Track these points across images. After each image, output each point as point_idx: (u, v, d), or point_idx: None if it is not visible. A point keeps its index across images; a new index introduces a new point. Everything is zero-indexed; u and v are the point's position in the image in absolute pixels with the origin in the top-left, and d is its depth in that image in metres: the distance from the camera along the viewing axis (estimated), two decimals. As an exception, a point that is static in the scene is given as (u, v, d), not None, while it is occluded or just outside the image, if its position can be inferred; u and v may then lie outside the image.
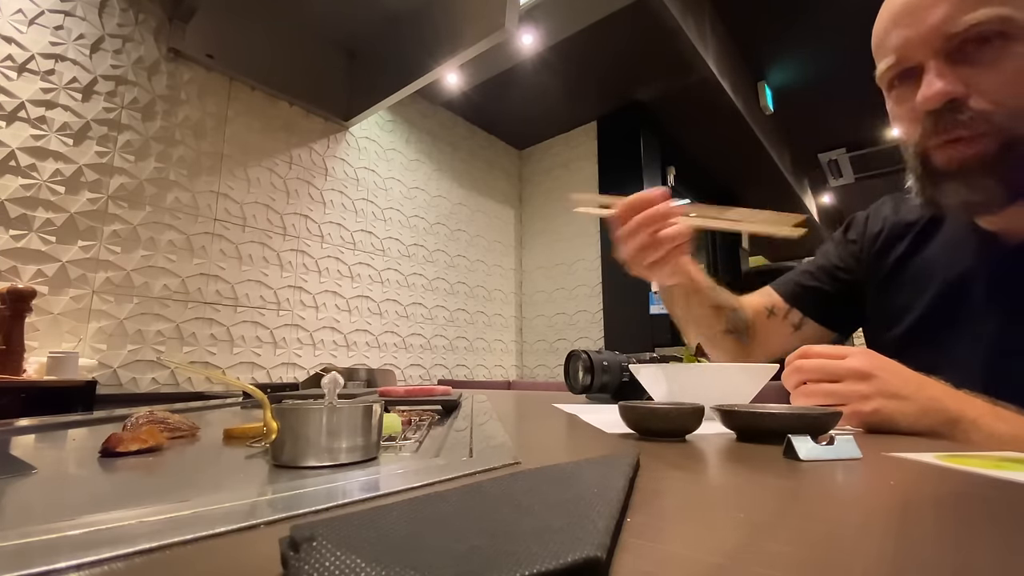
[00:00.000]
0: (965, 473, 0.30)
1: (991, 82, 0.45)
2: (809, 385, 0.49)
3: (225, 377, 0.36)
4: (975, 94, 0.46)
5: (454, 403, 0.68)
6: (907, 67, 0.51)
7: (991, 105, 0.46)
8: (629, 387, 0.88)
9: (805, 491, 0.27)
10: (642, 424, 0.45)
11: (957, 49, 0.47)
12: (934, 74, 0.47)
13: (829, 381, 0.48)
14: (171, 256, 2.09)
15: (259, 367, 2.35)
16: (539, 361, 3.77)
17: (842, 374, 0.47)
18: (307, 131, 2.67)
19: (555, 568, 0.12)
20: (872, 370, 0.46)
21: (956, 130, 0.47)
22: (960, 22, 0.45)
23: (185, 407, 0.75)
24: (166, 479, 0.33)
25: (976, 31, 0.45)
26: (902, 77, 0.52)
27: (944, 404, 0.45)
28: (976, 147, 0.47)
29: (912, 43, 0.49)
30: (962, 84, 0.46)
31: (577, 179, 3.71)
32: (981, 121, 0.46)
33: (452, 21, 2.22)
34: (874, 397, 0.45)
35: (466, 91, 3.26)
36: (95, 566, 0.15)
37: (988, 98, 0.46)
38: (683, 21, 2.64)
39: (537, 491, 0.20)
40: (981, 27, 0.45)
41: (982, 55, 0.46)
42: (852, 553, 0.17)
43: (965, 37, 0.46)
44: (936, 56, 0.48)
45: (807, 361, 0.50)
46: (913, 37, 0.49)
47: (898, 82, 0.53)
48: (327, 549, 0.13)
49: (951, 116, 0.47)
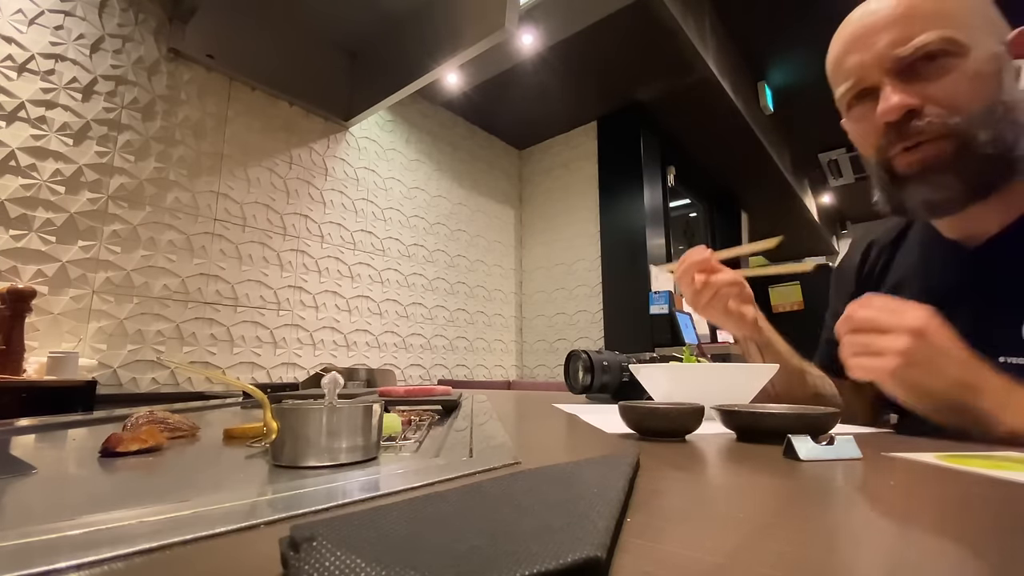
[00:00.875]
0: (965, 473, 0.30)
1: (942, 92, 0.50)
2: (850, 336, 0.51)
3: (225, 377, 0.36)
4: (929, 104, 0.51)
5: (454, 403, 0.68)
6: (864, 87, 0.55)
7: (945, 111, 0.50)
8: (629, 387, 0.88)
9: (805, 491, 0.27)
10: (642, 424, 0.45)
11: (908, 68, 0.52)
12: (890, 90, 0.52)
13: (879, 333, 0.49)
14: (171, 256, 2.09)
15: (259, 367, 2.35)
16: (539, 361, 3.77)
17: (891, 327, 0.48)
18: (307, 131, 2.67)
19: (555, 568, 0.12)
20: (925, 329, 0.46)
21: (916, 136, 0.51)
22: (909, 45, 0.50)
23: (185, 407, 0.75)
24: (166, 479, 0.33)
25: (922, 52, 0.50)
26: (859, 97, 0.57)
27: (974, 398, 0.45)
28: (935, 149, 0.51)
29: (867, 66, 0.54)
30: (917, 97, 0.51)
31: (577, 179, 3.71)
32: (938, 125, 0.50)
33: (452, 21, 2.22)
34: (903, 358, 0.46)
35: (466, 91, 3.26)
36: (95, 566, 0.15)
37: (941, 106, 0.50)
38: (683, 21, 2.64)
39: (537, 491, 0.20)
40: (927, 47, 0.50)
41: (931, 71, 0.51)
42: (852, 553, 0.17)
43: (914, 57, 0.51)
44: (889, 75, 0.52)
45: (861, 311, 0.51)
46: (867, 60, 0.54)
47: (856, 102, 0.57)
48: (327, 549, 0.13)
49: (910, 125, 0.51)
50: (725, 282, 0.71)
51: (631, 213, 3.33)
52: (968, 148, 0.50)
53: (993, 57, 0.51)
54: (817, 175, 5.01)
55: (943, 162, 0.51)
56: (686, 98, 3.25)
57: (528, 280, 3.94)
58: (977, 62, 0.50)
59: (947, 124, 0.50)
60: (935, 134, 0.51)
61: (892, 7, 0.53)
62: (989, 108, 0.50)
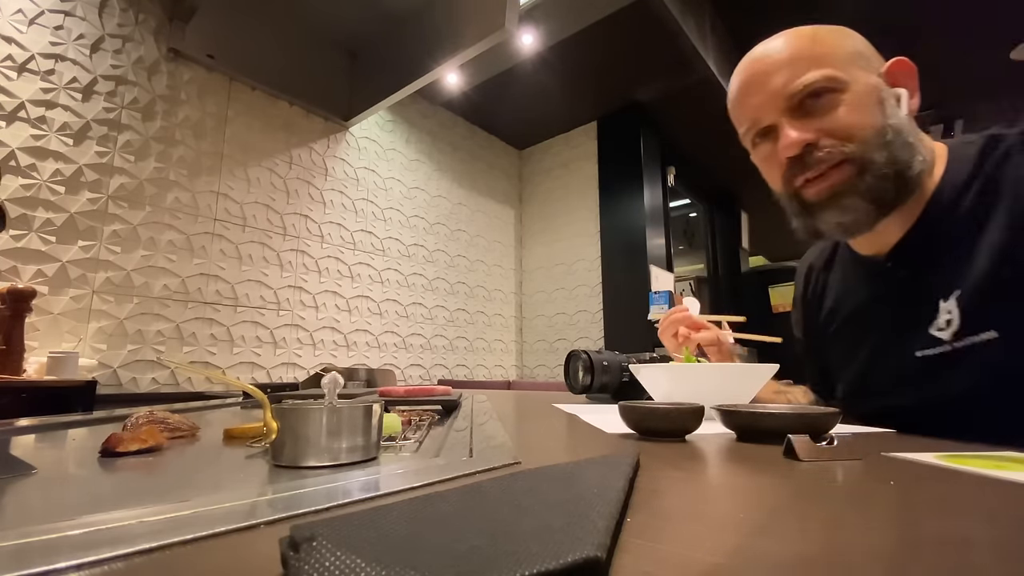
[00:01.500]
0: (965, 473, 0.30)
1: (833, 124, 0.55)
2: None
3: (225, 377, 0.36)
4: (824, 136, 0.56)
5: (454, 403, 0.68)
6: (763, 127, 0.61)
7: (839, 141, 0.55)
8: (629, 387, 0.88)
9: (805, 491, 0.27)
10: (642, 424, 0.45)
11: (799, 106, 0.57)
12: (787, 128, 0.57)
13: None
14: (171, 256, 2.09)
15: (259, 367, 2.35)
16: (539, 361, 3.77)
17: None
18: (307, 131, 2.67)
19: (555, 568, 0.12)
20: None
21: (818, 166, 0.56)
22: (797, 84, 0.56)
23: (185, 407, 0.75)
24: (166, 479, 0.33)
25: (809, 89, 0.56)
26: (761, 136, 0.62)
27: None
28: (839, 174, 0.56)
29: (762, 107, 0.59)
30: (812, 131, 0.56)
31: (577, 179, 3.71)
32: (836, 154, 0.55)
33: (452, 21, 2.22)
34: None
35: (466, 91, 3.26)
36: (95, 566, 0.15)
37: (835, 136, 0.55)
38: (683, 21, 2.64)
39: (537, 491, 0.20)
40: (813, 85, 0.55)
41: (819, 107, 0.56)
42: (852, 553, 0.17)
43: (803, 95, 0.56)
44: (784, 114, 0.58)
45: None
46: (762, 102, 0.59)
47: (759, 140, 0.62)
48: (327, 549, 0.13)
49: (810, 156, 0.56)
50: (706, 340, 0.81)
51: (631, 213, 3.33)
52: (868, 170, 0.55)
53: (872, 88, 0.56)
54: (817, 175, 5.01)
55: (847, 186, 0.56)
56: (686, 98, 3.25)
57: (528, 280, 3.94)
58: (857, 95, 0.55)
59: (843, 151, 0.55)
60: (834, 162, 0.56)
61: (779, 53, 0.59)
62: (879, 132, 0.55)
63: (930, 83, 0.64)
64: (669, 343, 0.85)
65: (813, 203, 0.58)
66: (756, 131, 0.62)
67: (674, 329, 0.82)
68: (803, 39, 0.59)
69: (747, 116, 0.62)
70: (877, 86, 0.56)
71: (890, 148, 0.54)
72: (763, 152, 0.63)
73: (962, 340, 0.52)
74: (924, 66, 0.60)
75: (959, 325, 0.53)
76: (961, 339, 0.52)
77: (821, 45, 0.58)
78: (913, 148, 0.55)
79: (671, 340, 0.84)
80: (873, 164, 0.54)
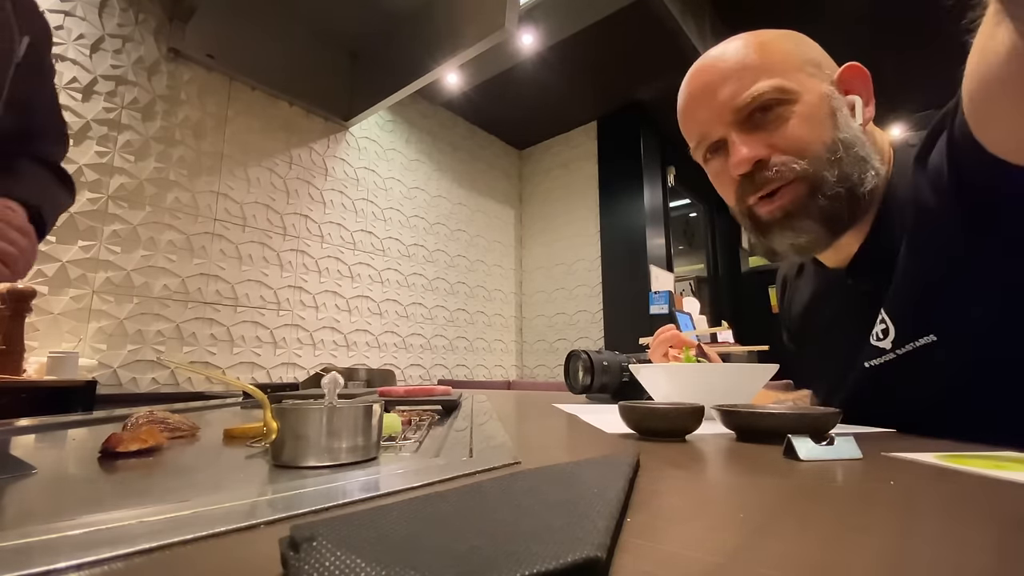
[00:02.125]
0: (965, 473, 0.30)
1: (784, 140, 0.53)
2: None
3: (225, 377, 0.36)
4: (775, 153, 0.53)
5: (454, 403, 0.68)
6: (712, 141, 0.58)
7: (790, 157, 0.53)
8: (629, 387, 0.88)
9: (805, 491, 0.27)
10: (642, 424, 0.45)
11: (747, 119, 0.55)
12: (738, 143, 0.55)
13: None
14: (171, 256, 2.09)
15: (259, 367, 2.35)
16: (539, 361, 3.77)
17: None
18: (307, 131, 2.67)
19: (555, 568, 0.12)
20: None
21: (769, 184, 0.54)
22: (744, 96, 0.54)
23: (185, 407, 0.75)
24: (166, 479, 0.33)
25: (758, 101, 0.53)
26: (712, 150, 0.60)
27: None
28: (791, 193, 0.54)
29: (710, 121, 0.57)
30: (763, 147, 0.54)
31: (577, 179, 3.71)
32: (787, 172, 0.53)
33: (452, 21, 2.22)
34: None
35: (466, 91, 3.26)
36: (95, 566, 0.15)
37: (787, 153, 0.53)
38: (683, 21, 2.64)
39: (537, 491, 0.20)
40: (762, 97, 0.53)
41: (769, 120, 0.54)
42: (852, 553, 0.17)
43: (752, 108, 0.54)
44: (733, 128, 0.55)
45: None
46: (710, 116, 0.57)
47: (710, 155, 0.60)
48: (327, 549, 0.13)
49: (761, 174, 0.54)
50: None
51: (631, 213, 3.33)
52: (819, 189, 0.53)
53: (824, 97, 0.54)
54: (817, 175, 5.00)
55: (799, 207, 0.54)
56: (686, 98, 3.24)
57: (528, 280, 3.94)
58: (809, 106, 0.53)
59: (794, 169, 0.53)
60: (786, 180, 0.53)
61: (725, 62, 0.56)
62: (830, 148, 0.52)
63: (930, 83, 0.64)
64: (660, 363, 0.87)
65: (766, 222, 0.56)
66: (706, 146, 0.60)
67: (664, 348, 0.83)
68: (750, 47, 0.56)
69: (696, 130, 0.60)
70: (829, 95, 0.54)
71: (840, 165, 0.52)
72: (714, 167, 0.61)
73: (903, 347, 0.52)
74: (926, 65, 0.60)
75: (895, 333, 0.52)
76: (902, 346, 0.52)
77: (770, 53, 0.55)
78: (865, 163, 0.53)
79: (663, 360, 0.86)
80: (824, 183, 0.52)
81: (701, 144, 0.60)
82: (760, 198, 0.56)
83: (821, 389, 0.70)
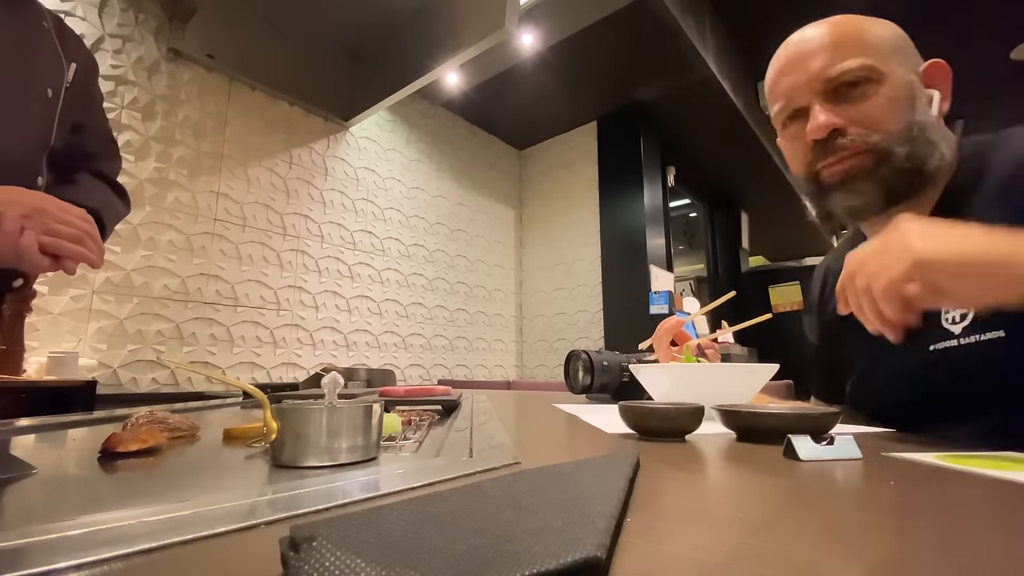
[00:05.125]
0: (965, 473, 0.30)
1: (863, 114, 0.57)
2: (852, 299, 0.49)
3: (225, 377, 0.36)
4: (852, 125, 0.57)
5: (454, 403, 0.68)
6: (796, 108, 0.62)
7: (866, 131, 0.57)
8: (629, 387, 0.88)
9: (805, 491, 0.27)
10: (642, 424, 0.45)
11: (834, 91, 0.58)
12: (818, 110, 0.58)
13: None
14: (171, 256, 2.09)
15: (259, 367, 2.35)
16: (539, 361, 3.77)
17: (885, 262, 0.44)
18: (307, 131, 2.67)
19: (555, 568, 0.12)
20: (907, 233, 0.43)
21: (840, 152, 0.58)
22: (835, 69, 0.57)
23: (185, 407, 0.75)
24: (166, 479, 0.33)
25: (847, 76, 0.57)
26: (792, 117, 0.63)
27: None
28: (857, 161, 0.57)
29: (798, 88, 0.61)
30: (841, 117, 0.57)
31: (577, 179, 3.71)
32: (860, 143, 0.57)
33: (452, 21, 2.22)
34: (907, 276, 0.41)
35: (466, 91, 3.26)
36: (95, 566, 0.15)
37: (863, 126, 0.57)
38: (683, 21, 2.64)
39: (537, 491, 0.20)
40: (851, 73, 0.57)
41: (853, 95, 0.57)
42: (852, 553, 0.17)
43: (839, 81, 0.57)
44: (818, 97, 0.59)
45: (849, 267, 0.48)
46: (799, 83, 0.60)
47: (789, 121, 0.64)
48: (327, 549, 0.13)
49: (835, 142, 0.58)
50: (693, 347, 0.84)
51: (631, 213, 3.33)
52: (887, 161, 0.56)
53: (908, 84, 0.58)
54: (817, 175, 5.00)
55: (863, 172, 0.57)
56: (686, 98, 3.24)
57: (528, 280, 3.94)
58: (893, 88, 0.57)
59: (868, 142, 0.56)
60: (858, 149, 0.57)
61: (821, 37, 0.60)
62: (906, 127, 0.56)
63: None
64: (663, 355, 0.88)
65: (828, 184, 0.60)
66: (788, 112, 0.63)
67: (669, 337, 0.85)
68: (848, 26, 0.60)
69: (782, 95, 0.63)
70: (912, 83, 0.58)
71: (912, 144, 0.56)
72: (791, 132, 0.64)
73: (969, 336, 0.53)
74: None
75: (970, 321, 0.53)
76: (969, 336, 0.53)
77: (866, 34, 0.58)
78: (934, 146, 0.57)
79: (665, 352, 0.88)
80: (893, 156, 0.56)
81: (784, 109, 0.63)
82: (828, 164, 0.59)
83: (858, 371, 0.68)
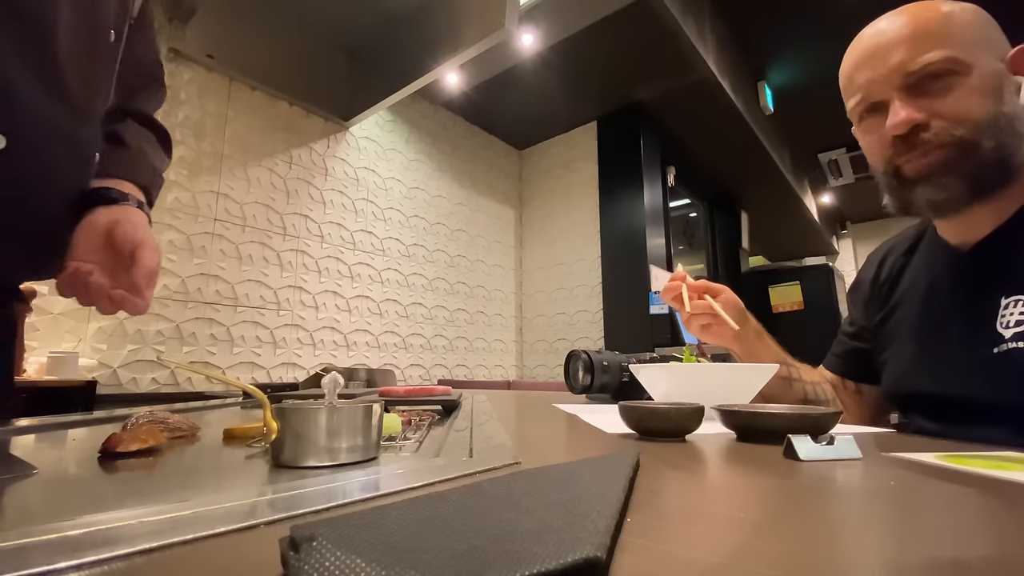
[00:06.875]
0: (965, 473, 0.30)
1: (947, 108, 0.54)
2: None
3: (225, 377, 0.36)
4: (934, 119, 0.55)
5: (454, 403, 0.68)
6: (873, 102, 0.59)
7: (950, 124, 0.54)
8: (629, 387, 0.88)
9: (805, 491, 0.27)
10: (642, 424, 0.45)
11: (914, 85, 0.56)
12: (898, 105, 0.56)
13: None
14: (171, 256, 2.09)
15: (259, 367, 2.35)
16: (539, 361, 3.77)
17: None
18: (307, 131, 2.67)
19: (555, 568, 0.12)
20: None
21: (924, 147, 0.56)
22: (916, 62, 0.55)
23: (185, 407, 0.75)
24: (166, 479, 0.33)
25: (929, 69, 0.54)
26: (869, 111, 0.61)
27: None
28: (942, 154, 0.55)
29: (876, 82, 0.58)
30: (923, 112, 0.55)
31: (577, 179, 3.71)
32: (944, 136, 0.55)
33: (452, 21, 2.22)
34: None
35: (466, 91, 3.26)
36: (95, 566, 0.15)
37: (946, 120, 0.54)
38: (683, 21, 2.64)
39: (537, 491, 0.20)
40: (933, 66, 0.54)
41: (936, 88, 0.55)
42: (852, 553, 0.17)
43: (921, 74, 0.55)
44: (898, 91, 0.56)
45: None
46: (877, 77, 0.58)
47: (866, 115, 0.61)
48: (327, 549, 0.13)
49: (917, 137, 0.56)
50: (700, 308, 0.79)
51: (631, 213, 3.33)
52: (972, 154, 0.54)
53: (994, 74, 0.54)
54: (817, 175, 5.01)
55: (947, 166, 0.55)
56: (686, 98, 3.24)
57: (528, 280, 3.94)
58: (979, 79, 0.54)
59: (952, 135, 0.54)
60: (941, 144, 0.54)
61: (900, 28, 0.57)
62: (992, 119, 0.53)
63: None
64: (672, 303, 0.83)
65: (911, 178, 0.57)
66: (866, 104, 0.60)
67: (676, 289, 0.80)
68: (929, 14, 0.57)
69: (859, 89, 0.61)
70: (1000, 72, 0.55)
71: (999, 136, 0.53)
72: (868, 126, 0.62)
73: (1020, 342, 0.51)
74: None
75: None
76: (1019, 341, 0.51)
77: (947, 23, 0.56)
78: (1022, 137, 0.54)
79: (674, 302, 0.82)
80: (980, 149, 0.53)
81: (861, 103, 0.61)
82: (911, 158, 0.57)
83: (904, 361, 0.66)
